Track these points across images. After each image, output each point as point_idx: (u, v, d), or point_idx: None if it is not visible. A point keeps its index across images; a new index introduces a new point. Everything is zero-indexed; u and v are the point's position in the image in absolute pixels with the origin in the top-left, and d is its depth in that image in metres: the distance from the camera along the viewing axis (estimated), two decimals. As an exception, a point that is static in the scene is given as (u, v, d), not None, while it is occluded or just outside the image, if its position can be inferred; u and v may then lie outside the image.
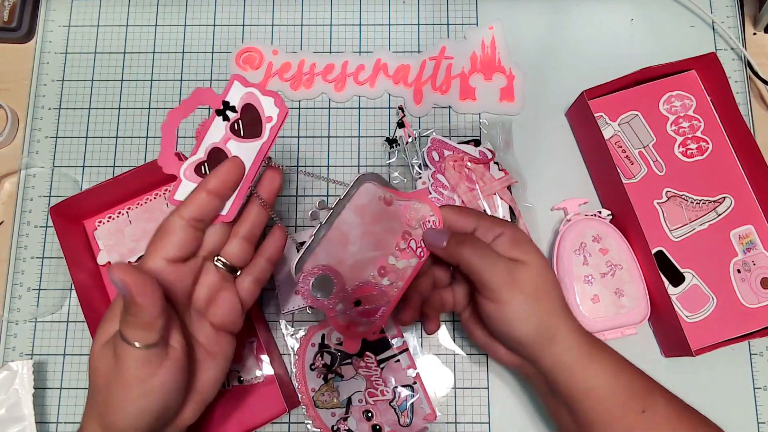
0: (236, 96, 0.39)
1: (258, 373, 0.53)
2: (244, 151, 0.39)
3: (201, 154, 0.39)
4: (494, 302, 0.41)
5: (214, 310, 0.39)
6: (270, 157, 0.40)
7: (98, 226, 0.56)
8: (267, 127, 0.39)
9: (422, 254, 0.44)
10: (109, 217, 0.56)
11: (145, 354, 0.33)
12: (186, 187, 0.38)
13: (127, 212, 0.56)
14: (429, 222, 0.43)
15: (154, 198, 0.57)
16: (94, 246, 0.56)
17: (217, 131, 0.39)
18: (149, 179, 0.56)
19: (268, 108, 0.40)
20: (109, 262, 0.55)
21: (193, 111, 0.39)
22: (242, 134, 0.39)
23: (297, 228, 0.58)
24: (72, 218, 0.55)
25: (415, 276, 0.43)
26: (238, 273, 0.41)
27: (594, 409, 0.40)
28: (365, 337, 0.43)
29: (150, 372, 0.33)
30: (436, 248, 0.42)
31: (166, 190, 0.57)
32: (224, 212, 0.39)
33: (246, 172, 0.39)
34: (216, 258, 0.39)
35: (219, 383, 0.40)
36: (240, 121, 0.39)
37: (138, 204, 0.56)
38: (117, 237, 0.55)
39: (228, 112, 0.39)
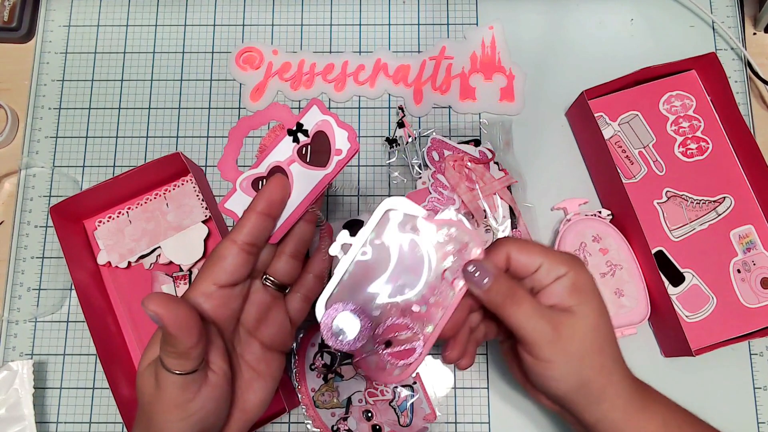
0: (311, 120, 0.38)
1: None
2: (306, 177, 0.38)
3: (262, 169, 0.38)
4: (533, 357, 0.37)
5: (264, 329, 0.39)
6: (331, 183, 0.39)
7: (98, 225, 0.56)
8: (334, 160, 0.38)
9: (461, 287, 0.38)
10: (109, 217, 0.56)
11: (183, 380, 0.33)
12: (238, 197, 0.38)
13: (127, 212, 0.56)
14: (466, 250, 0.38)
15: (154, 198, 0.56)
16: (94, 246, 0.56)
17: (284, 151, 0.38)
18: (149, 179, 0.56)
19: (340, 140, 0.38)
20: (109, 262, 0.55)
21: (266, 124, 0.39)
22: (308, 160, 0.38)
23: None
24: (72, 218, 0.55)
25: (453, 312, 0.38)
26: (287, 291, 0.40)
27: None
28: (400, 381, 0.39)
29: (188, 397, 0.33)
30: (475, 289, 0.38)
31: (165, 190, 0.57)
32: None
33: (302, 199, 0.38)
34: (264, 276, 0.39)
35: (266, 404, 0.39)
36: (309, 147, 0.38)
37: (138, 204, 0.56)
38: (117, 237, 0.55)
39: (300, 135, 0.38)
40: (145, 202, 0.56)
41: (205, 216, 0.56)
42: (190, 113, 0.61)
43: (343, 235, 0.37)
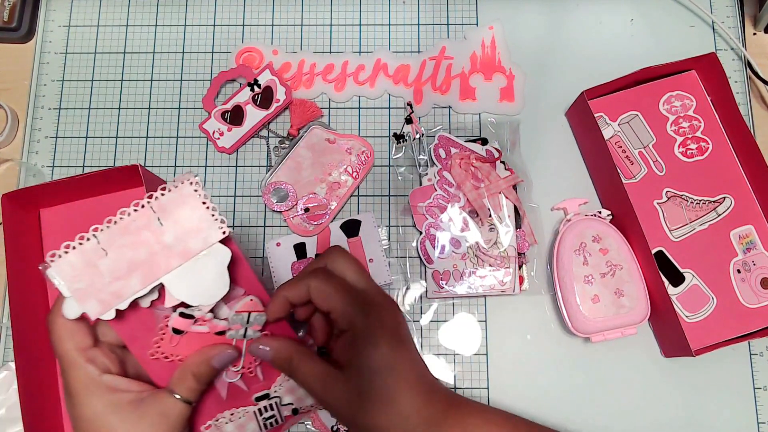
0: (264, 78, 0.59)
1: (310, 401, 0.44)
2: (256, 114, 0.59)
3: (228, 106, 0.59)
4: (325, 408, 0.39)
5: None
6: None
7: (51, 262, 0.35)
8: (273, 105, 0.59)
9: (357, 176, 0.57)
10: (68, 246, 0.35)
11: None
12: (212, 122, 0.59)
13: (94, 236, 0.36)
14: (362, 154, 0.58)
15: (136, 211, 0.37)
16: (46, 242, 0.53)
17: (244, 95, 0.59)
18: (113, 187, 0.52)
19: (279, 93, 0.59)
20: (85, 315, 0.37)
21: (236, 76, 0.60)
22: (258, 103, 0.59)
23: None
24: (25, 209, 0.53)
25: (352, 191, 0.58)
26: None
27: None
28: (314, 234, 0.56)
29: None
30: (266, 361, 0.40)
31: (150, 196, 0.37)
32: (228, 146, 0.59)
33: (254, 125, 0.59)
34: None
35: None
36: (260, 95, 0.59)
37: (110, 222, 0.36)
38: (89, 275, 0.36)
39: (255, 87, 0.59)
40: (121, 219, 0.36)
41: (223, 232, 0.38)
42: (191, 113, 0.61)
43: (280, 140, 0.60)
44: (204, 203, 0.38)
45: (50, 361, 0.52)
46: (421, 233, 0.56)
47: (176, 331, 0.39)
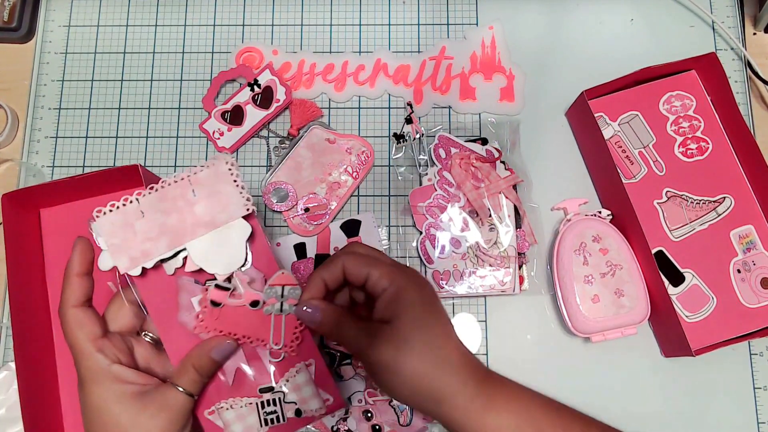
0: (264, 78, 0.60)
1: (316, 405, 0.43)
2: (256, 114, 0.59)
3: (228, 106, 0.60)
4: (363, 364, 0.39)
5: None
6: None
7: (97, 216, 0.40)
8: (273, 105, 0.59)
9: (357, 176, 0.58)
10: (113, 206, 0.40)
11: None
12: (212, 122, 0.59)
13: (137, 200, 0.40)
14: (362, 154, 0.58)
15: (175, 182, 0.41)
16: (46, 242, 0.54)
17: (245, 95, 0.59)
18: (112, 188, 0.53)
19: (279, 93, 0.59)
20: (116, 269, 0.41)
21: (236, 76, 0.60)
22: (258, 103, 0.59)
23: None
24: (29, 207, 0.53)
25: (352, 191, 0.58)
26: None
27: None
28: (314, 234, 0.57)
29: None
30: (310, 325, 0.41)
31: (191, 171, 0.41)
32: (228, 146, 0.59)
33: (254, 124, 0.59)
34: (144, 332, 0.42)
35: None
36: (260, 95, 0.59)
37: (151, 189, 0.41)
38: (125, 234, 0.40)
39: (255, 87, 0.59)
40: (162, 188, 0.41)
41: (247, 209, 0.41)
42: (191, 113, 0.61)
43: (280, 141, 0.60)
44: (235, 182, 0.41)
45: (50, 361, 0.52)
46: (421, 233, 0.56)
47: (214, 303, 0.41)
